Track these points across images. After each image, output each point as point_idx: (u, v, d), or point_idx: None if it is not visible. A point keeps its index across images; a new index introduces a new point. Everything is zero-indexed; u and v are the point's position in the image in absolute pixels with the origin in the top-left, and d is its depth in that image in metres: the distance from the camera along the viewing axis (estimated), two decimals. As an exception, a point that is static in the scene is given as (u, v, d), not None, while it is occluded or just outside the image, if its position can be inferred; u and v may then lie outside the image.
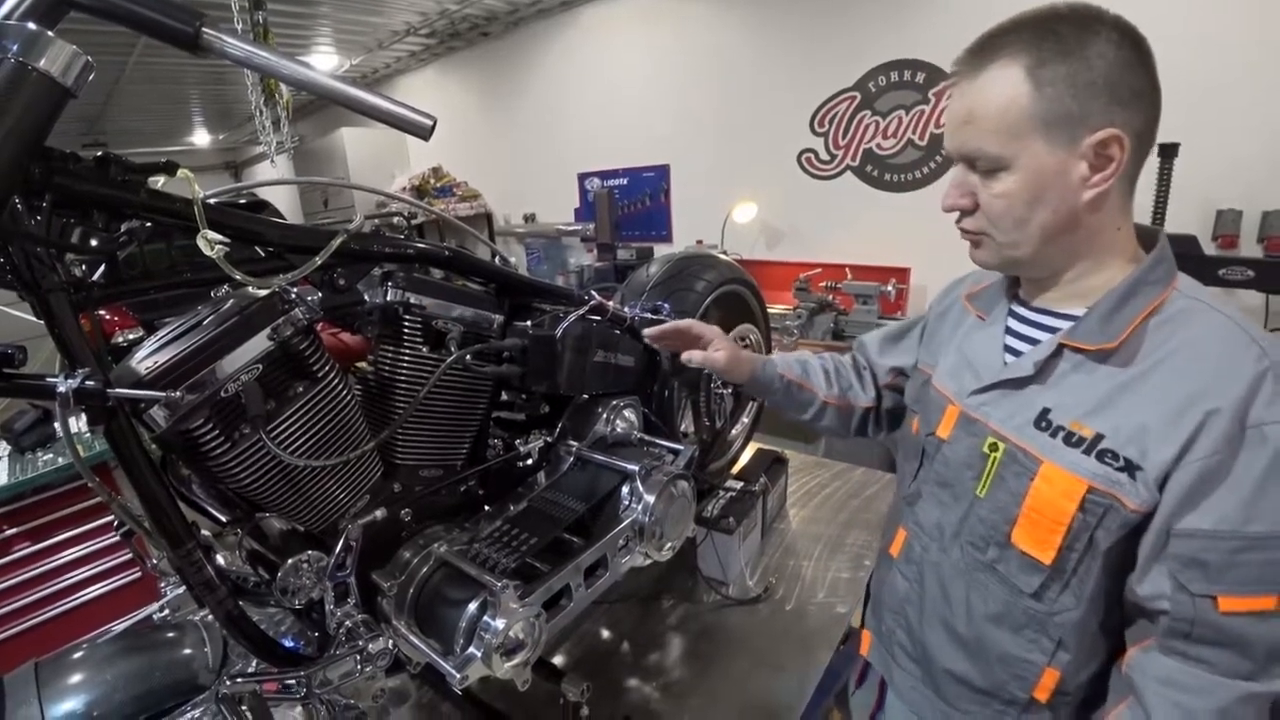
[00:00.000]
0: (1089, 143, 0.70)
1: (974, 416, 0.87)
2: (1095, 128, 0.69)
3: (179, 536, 0.85)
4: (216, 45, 0.69)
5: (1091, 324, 0.77)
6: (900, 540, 1.02)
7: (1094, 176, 0.72)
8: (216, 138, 9.67)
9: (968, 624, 0.88)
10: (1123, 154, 0.70)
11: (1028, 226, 0.76)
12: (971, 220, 0.81)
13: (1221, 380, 0.68)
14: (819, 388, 1.22)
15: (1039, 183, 0.73)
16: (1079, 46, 0.69)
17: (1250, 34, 2.51)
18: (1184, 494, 0.68)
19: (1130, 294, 0.75)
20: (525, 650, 0.92)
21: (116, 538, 2.64)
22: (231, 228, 0.88)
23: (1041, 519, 0.79)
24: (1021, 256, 0.79)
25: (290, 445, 0.89)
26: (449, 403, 1.10)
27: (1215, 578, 0.68)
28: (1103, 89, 0.69)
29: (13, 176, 0.62)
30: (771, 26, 3.96)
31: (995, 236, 0.79)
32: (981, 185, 0.77)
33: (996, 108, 0.72)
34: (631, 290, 1.61)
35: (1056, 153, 0.71)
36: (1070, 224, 0.75)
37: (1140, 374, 0.73)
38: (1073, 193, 0.73)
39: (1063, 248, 0.78)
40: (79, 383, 0.71)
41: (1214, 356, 0.69)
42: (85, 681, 1.47)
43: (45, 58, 0.60)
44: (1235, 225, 2.63)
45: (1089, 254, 0.78)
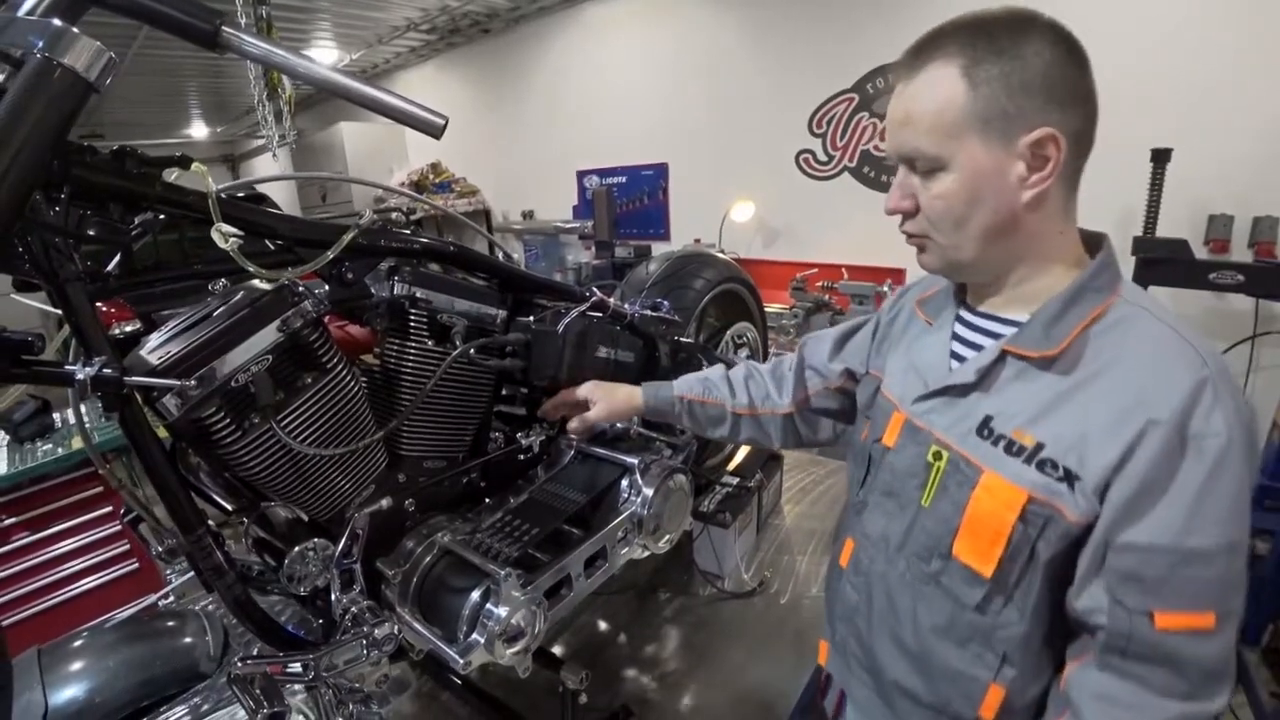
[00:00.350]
0: (1025, 142, 0.69)
1: (919, 424, 0.85)
2: (1031, 127, 0.69)
3: (190, 522, 0.87)
4: (235, 43, 0.71)
5: (1034, 330, 0.76)
6: (849, 550, 0.98)
7: (1032, 176, 0.71)
8: (214, 130, 9.63)
9: (914, 636, 0.86)
10: (1059, 154, 0.70)
11: (967, 227, 0.75)
12: (914, 223, 0.80)
13: (1161, 389, 0.66)
14: (724, 400, 1.18)
15: (977, 183, 0.72)
16: (1013, 46, 0.69)
17: (1242, 40, 2.54)
18: (1123, 505, 0.67)
19: (1073, 300, 0.74)
20: (527, 637, 0.94)
21: (115, 529, 2.65)
22: (244, 221, 0.89)
23: (982, 529, 0.77)
24: (964, 259, 0.78)
25: (299, 435, 0.91)
26: (453, 395, 1.12)
27: (1152, 592, 0.66)
28: (1038, 89, 0.69)
29: (38, 170, 0.64)
30: (771, 28, 3.98)
31: (937, 239, 0.78)
32: (921, 187, 0.77)
33: (933, 108, 0.72)
34: (631, 287, 1.64)
35: (993, 152, 0.71)
36: (1010, 225, 0.74)
37: (1081, 381, 0.72)
38: (1011, 193, 0.72)
39: (1004, 250, 0.77)
40: (96, 370, 0.73)
41: (1154, 365, 0.68)
42: (87, 668, 1.49)
43: (70, 53, 0.62)
44: (1227, 230, 2.66)
45: (1031, 257, 0.77)
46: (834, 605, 1.03)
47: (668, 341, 1.49)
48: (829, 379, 1.14)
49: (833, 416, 1.18)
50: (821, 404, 1.16)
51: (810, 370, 1.16)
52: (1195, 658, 0.66)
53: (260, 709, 0.80)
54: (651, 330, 1.44)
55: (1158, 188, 2.50)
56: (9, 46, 0.64)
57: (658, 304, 1.54)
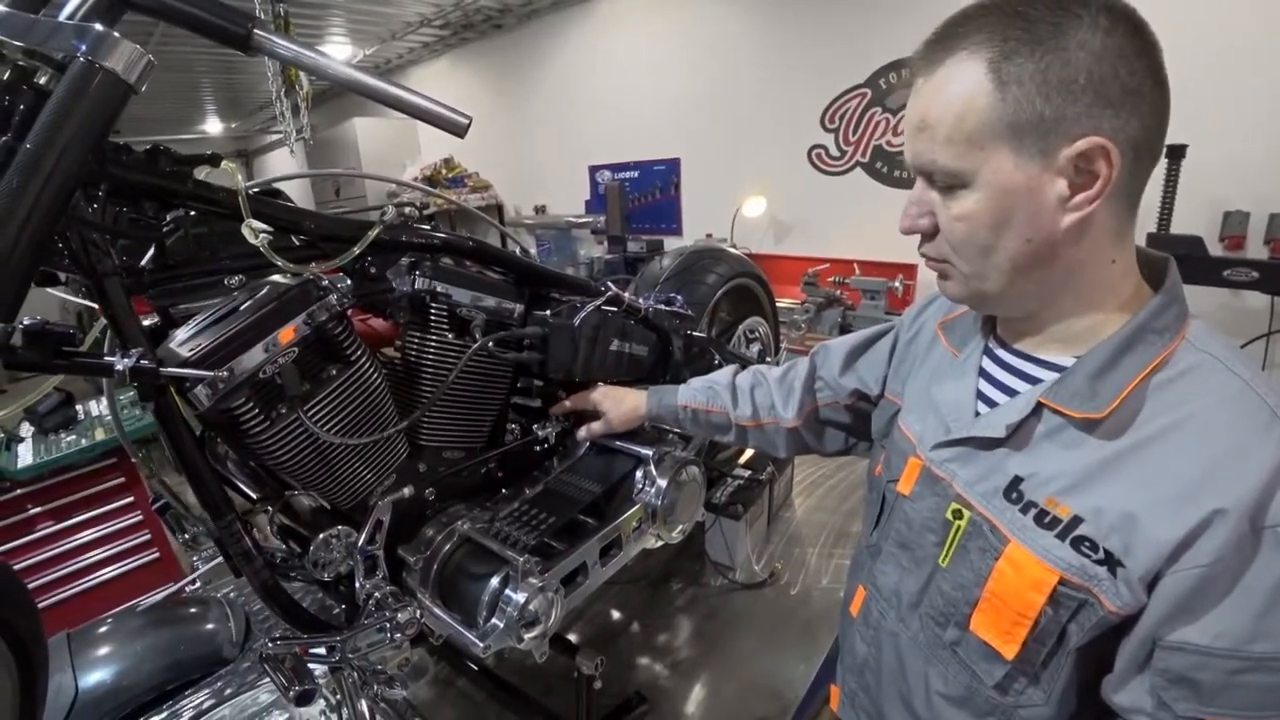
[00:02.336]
0: (1067, 154, 0.56)
1: (938, 474, 0.74)
2: (1075, 136, 0.56)
3: (221, 508, 0.90)
4: (267, 45, 0.73)
5: (1078, 383, 0.63)
6: (859, 599, 0.89)
7: (1075, 196, 0.58)
8: (229, 126, 9.73)
9: (926, 704, 0.77)
10: (1111, 168, 0.56)
11: (994, 256, 0.62)
12: (932, 245, 0.67)
13: (1234, 470, 0.54)
14: (727, 409, 1.14)
15: (1005, 203, 0.59)
16: (1054, 35, 0.55)
17: (1260, 35, 2.52)
18: (1178, 602, 0.56)
19: (1128, 346, 0.61)
20: (545, 623, 0.97)
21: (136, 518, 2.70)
22: (271, 217, 0.92)
23: (1005, 608, 0.66)
24: (990, 291, 0.65)
25: (325, 424, 0.93)
26: (472, 387, 1.14)
27: (1208, 700, 0.56)
28: (1085, 88, 0.55)
29: (81, 168, 0.66)
30: (784, 23, 3.98)
31: (960, 266, 0.65)
32: (941, 204, 0.64)
33: (953, 112, 0.59)
34: (645, 282, 1.66)
35: (1026, 167, 0.57)
36: (1047, 254, 0.61)
37: (1134, 446, 0.60)
38: (1049, 216, 0.59)
39: (1040, 283, 0.64)
40: (135, 362, 0.76)
41: (1226, 435, 0.56)
42: (115, 653, 1.54)
43: (113, 57, 0.65)
44: (1242, 226, 2.65)
45: (1072, 292, 0.64)
46: (844, 654, 0.94)
47: (681, 336, 1.51)
48: (839, 395, 1.04)
49: (843, 430, 1.09)
50: (830, 416, 1.08)
51: (820, 382, 1.07)
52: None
53: (291, 686, 0.82)
54: (665, 325, 1.46)
55: (1172, 184, 2.49)
56: (51, 49, 0.67)
57: (671, 299, 1.56)
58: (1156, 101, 0.57)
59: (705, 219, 4.69)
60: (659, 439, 1.33)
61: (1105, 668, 0.64)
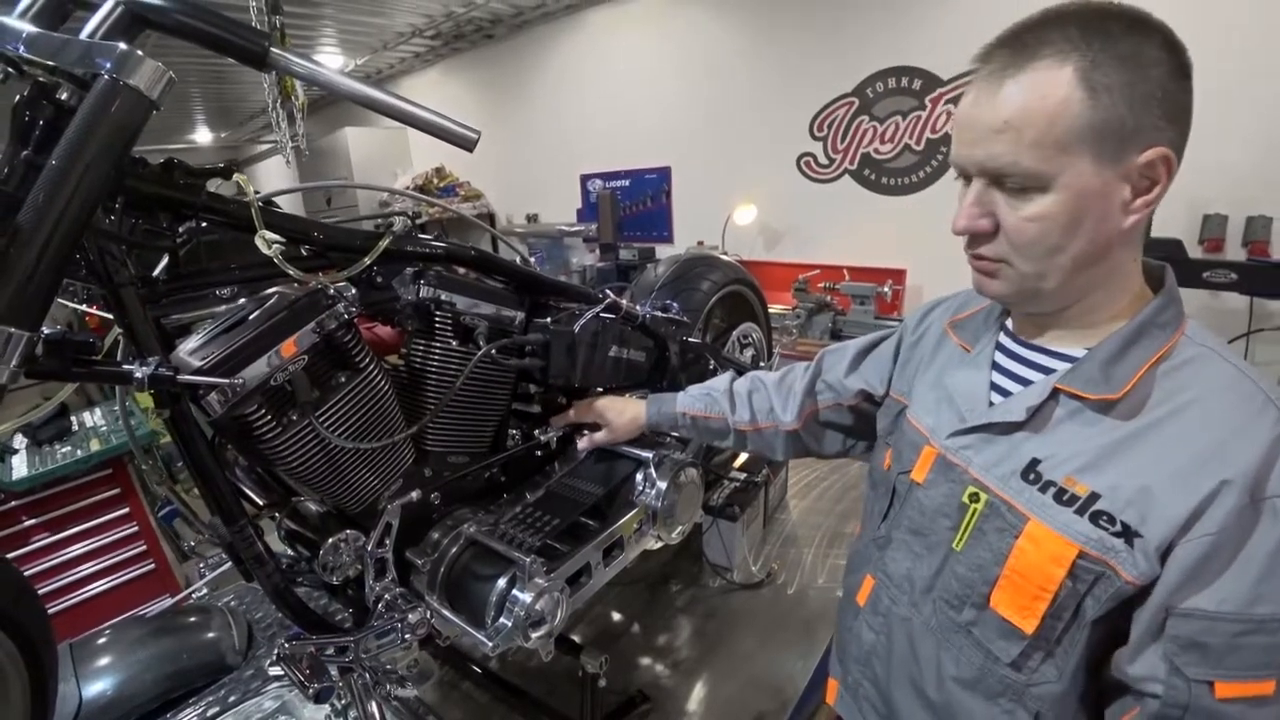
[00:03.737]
0: (1138, 162, 0.61)
1: (953, 460, 0.78)
2: (1145, 145, 0.61)
3: (234, 513, 0.92)
4: (283, 63, 0.76)
5: (1092, 369, 0.68)
6: (868, 588, 0.91)
7: (1136, 200, 0.63)
8: (218, 135, 9.71)
9: (938, 688, 0.79)
10: (1168, 176, 0.62)
11: (1060, 255, 0.66)
12: (992, 246, 0.69)
13: (1236, 444, 0.60)
14: (725, 415, 1.17)
15: (1080, 206, 0.63)
16: (1134, 51, 0.60)
17: (1234, 44, 2.59)
18: (1189, 570, 0.60)
19: (1137, 338, 0.67)
20: (551, 622, 0.99)
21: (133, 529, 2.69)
22: (282, 228, 0.94)
23: (1025, 583, 0.70)
24: (1046, 288, 0.69)
25: (334, 430, 0.95)
26: (476, 393, 1.17)
27: (1215, 662, 0.61)
28: (1158, 102, 0.60)
29: (105, 182, 0.69)
30: (772, 33, 4.04)
31: (1019, 265, 0.68)
32: (1007, 206, 0.66)
33: (1044, 116, 0.61)
34: (641, 289, 1.69)
35: (1103, 172, 0.62)
36: (1103, 254, 0.66)
37: (1145, 428, 0.65)
38: (1113, 218, 0.64)
39: (1087, 279, 0.69)
40: (153, 369, 0.78)
41: (1228, 416, 0.62)
42: (118, 662, 1.55)
43: (136, 74, 0.67)
44: (1221, 229, 2.72)
45: (1105, 287, 0.70)
46: (847, 645, 0.96)
47: (677, 341, 1.54)
48: (842, 396, 1.06)
49: (842, 432, 1.11)
50: (831, 418, 1.10)
51: (824, 384, 1.09)
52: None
53: (310, 684, 0.84)
54: (662, 331, 1.49)
55: (1153, 188, 2.55)
56: (75, 67, 0.69)
57: (667, 305, 1.59)
58: (1190, 117, 0.64)
59: (697, 227, 4.73)
60: (658, 443, 1.36)
61: (1114, 644, 0.68)
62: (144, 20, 0.73)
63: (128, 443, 2.62)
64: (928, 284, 3.66)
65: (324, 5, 4.54)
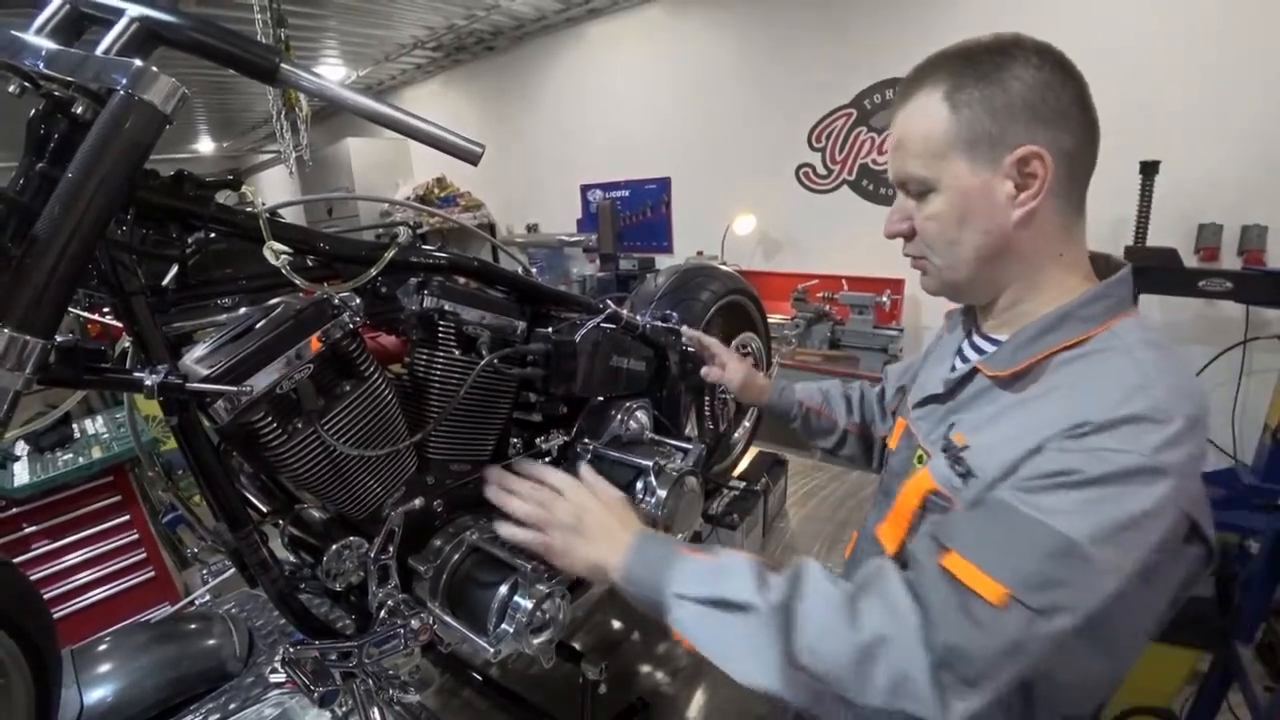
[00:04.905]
0: (1010, 160, 0.71)
1: (912, 429, 0.91)
2: (1014, 146, 0.71)
3: (239, 518, 0.93)
4: (293, 78, 0.78)
5: (1005, 353, 0.78)
6: (852, 542, 1.04)
7: (1020, 195, 0.73)
8: (220, 145, 9.77)
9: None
10: (1046, 171, 0.71)
11: (960, 248, 0.77)
12: (912, 245, 0.84)
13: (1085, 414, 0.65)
14: (840, 415, 1.25)
15: (965, 203, 0.75)
16: (995, 71, 0.71)
17: (1227, 53, 2.63)
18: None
19: (1053, 327, 0.75)
20: (552, 628, 1.00)
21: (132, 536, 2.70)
22: (289, 239, 0.96)
23: (899, 515, 0.84)
24: (959, 280, 0.81)
25: (339, 438, 0.97)
26: (478, 402, 1.18)
27: (954, 535, 0.68)
28: (1021, 109, 0.70)
29: (121, 194, 0.70)
30: (771, 45, 4.08)
31: (933, 260, 0.81)
32: (916, 210, 0.80)
33: (919, 132, 0.76)
34: (641, 299, 1.70)
35: (980, 172, 0.73)
36: (1002, 245, 0.76)
37: (1021, 402, 0.74)
38: (1001, 212, 0.74)
39: (1000, 271, 0.79)
40: (163, 377, 0.79)
41: (1091, 396, 0.66)
42: (119, 668, 1.56)
43: (151, 90, 0.69)
44: (1216, 239, 2.74)
45: (1023, 279, 0.78)
46: None
47: (677, 351, 1.56)
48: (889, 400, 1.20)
49: None
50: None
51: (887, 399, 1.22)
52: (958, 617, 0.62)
53: (315, 688, 0.85)
54: (662, 340, 1.51)
55: (1147, 199, 2.58)
56: (91, 82, 0.71)
57: (667, 315, 1.61)
58: (1083, 123, 0.73)
59: (696, 237, 4.76)
60: (657, 451, 1.37)
61: None
62: (158, 37, 0.75)
63: (129, 450, 2.63)
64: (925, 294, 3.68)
65: (327, 17, 4.59)
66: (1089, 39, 2.89)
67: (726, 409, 1.91)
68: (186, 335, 0.98)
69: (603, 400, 1.43)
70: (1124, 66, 2.83)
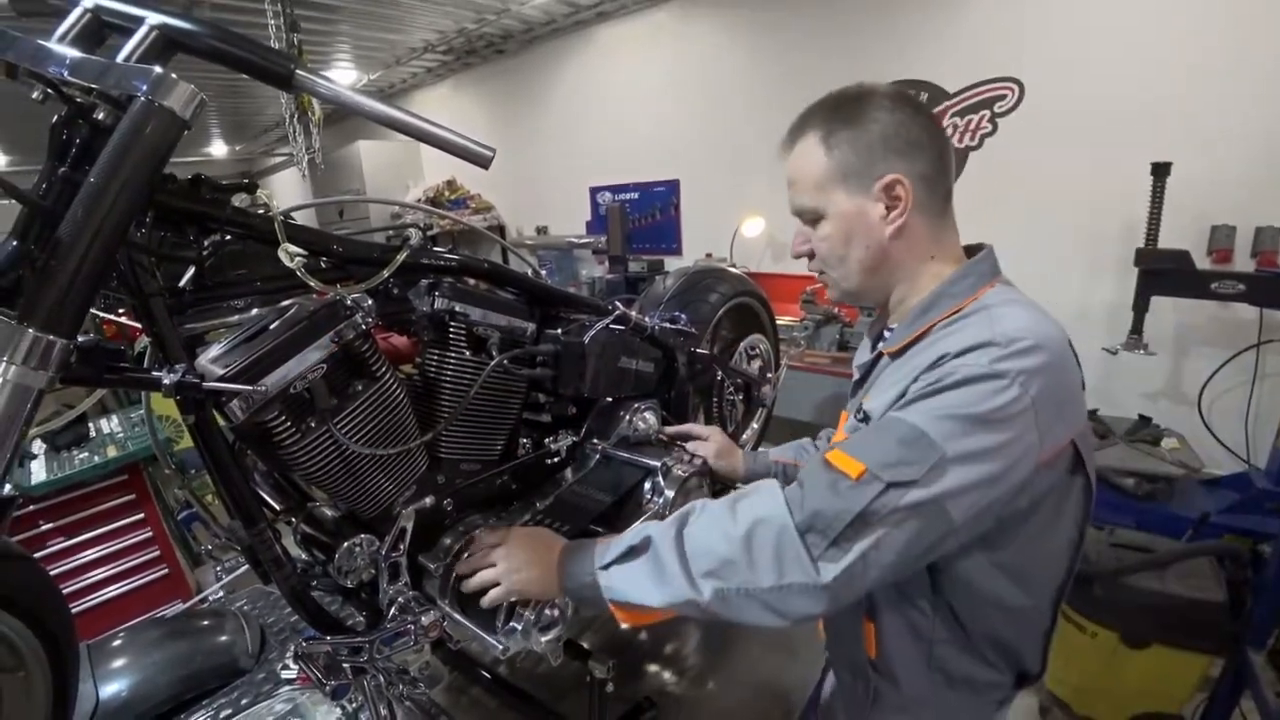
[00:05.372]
0: (877, 187, 0.86)
1: (851, 418, 1.01)
2: (878, 175, 0.86)
3: (254, 516, 0.94)
4: (308, 84, 0.79)
5: (898, 335, 0.93)
6: None
7: (890, 214, 0.87)
8: (233, 148, 9.86)
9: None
10: (908, 193, 0.86)
11: (848, 262, 0.92)
12: (814, 263, 0.98)
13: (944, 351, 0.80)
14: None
15: (848, 224, 0.90)
16: (857, 116, 0.87)
17: (1242, 52, 2.61)
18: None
19: (929, 307, 0.90)
20: (559, 626, 1.01)
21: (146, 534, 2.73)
22: (303, 242, 0.97)
23: None
24: (852, 288, 0.95)
25: (351, 437, 0.98)
26: (488, 402, 1.19)
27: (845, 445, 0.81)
28: (879, 145, 0.85)
29: (141, 198, 0.72)
30: (779, 47, 4.08)
31: (831, 274, 0.96)
32: (812, 233, 0.95)
33: (805, 170, 0.91)
34: (650, 301, 1.71)
35: (854, 199, 0.88)
36: (881, 255, 0.91)
37: (908, 359, 0.89)
38: (876, 229, 0.89)
39: (884, 277, 0.94)
40: (180, 376, 0.81)
41: (952, 339, 0.81)
42: (133, 663, 1.58)
43: (171, 96, 0.70)
44: (1229, 240, 2.71)
45: (904, 280, 0.93)
46: None
47: (685, 353, 1.56)
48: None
49: None
50: None
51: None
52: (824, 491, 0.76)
53: (327, 681, 0.86)
54: (670, 342, 1.52)
55: (1158, 200, 2.56)
56: (111, 88, 0.73)
57: (675, 317, 1.62)
58: (934, 148, 0.88)
59: (705, 239, 4.76)
60: (666, 452, 1.38)
61: None
62: (177, 44, 0.77)
63: (143, 449, 2.67)
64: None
65: (339, 22, 4.63)
66: (1101, 41, 2.88)
67: (734, 411, 1.91)
68: (198, 336, 1.00)
69: (611, 401, 1.44)
70: (1136, 67, 2.82)
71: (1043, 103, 3.12)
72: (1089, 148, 3.03)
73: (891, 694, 0.99)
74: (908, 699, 0.99)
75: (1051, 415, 0.75)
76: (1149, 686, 2.06)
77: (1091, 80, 2.96)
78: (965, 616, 0.92)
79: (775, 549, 0.76)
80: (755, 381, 1.93)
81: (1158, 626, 1.98)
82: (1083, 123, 3.02)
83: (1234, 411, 2.77)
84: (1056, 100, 3.08)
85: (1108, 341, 2.78)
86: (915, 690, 0.97)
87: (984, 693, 0.98)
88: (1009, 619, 0.92)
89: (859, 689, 1.03)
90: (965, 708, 0.99)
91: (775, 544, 0.76)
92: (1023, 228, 3.11)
